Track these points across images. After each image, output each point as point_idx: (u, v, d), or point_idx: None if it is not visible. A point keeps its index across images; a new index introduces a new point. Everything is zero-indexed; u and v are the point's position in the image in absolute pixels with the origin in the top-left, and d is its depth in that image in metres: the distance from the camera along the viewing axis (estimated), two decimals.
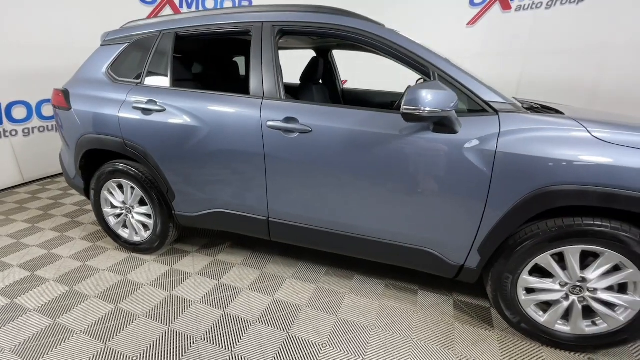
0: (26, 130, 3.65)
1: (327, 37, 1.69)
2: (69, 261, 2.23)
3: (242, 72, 3.04)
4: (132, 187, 2.13)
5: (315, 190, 1.68)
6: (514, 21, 4.43)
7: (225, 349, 1.53)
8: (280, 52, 2.96)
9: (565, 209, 1.36)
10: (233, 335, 1.60)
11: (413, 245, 1.62)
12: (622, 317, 1.41)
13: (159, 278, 2.05)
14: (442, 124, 1.39)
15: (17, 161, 3.60)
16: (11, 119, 3.51)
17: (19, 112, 3.57)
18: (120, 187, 2.19)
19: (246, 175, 1.79)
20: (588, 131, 1.31)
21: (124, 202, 2.21)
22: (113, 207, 2.26)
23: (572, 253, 1.39)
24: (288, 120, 1.64)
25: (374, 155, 1.52)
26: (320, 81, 2.87)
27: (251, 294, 1.91)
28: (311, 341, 1.57)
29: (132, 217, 2.22)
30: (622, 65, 3.61)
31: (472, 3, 4.73)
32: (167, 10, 4.76)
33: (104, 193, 2.22)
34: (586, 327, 1.48)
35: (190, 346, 1.54)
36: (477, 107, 1.44)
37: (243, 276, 2.08)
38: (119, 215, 2.27)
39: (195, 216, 2.03)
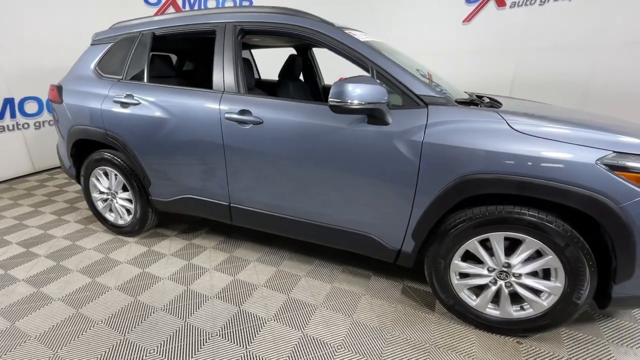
0: (37, 124, 3.97)
1: (283, 36, 1.82)
2: (61, 240, 2.46)
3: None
4: (115, 174, 2.33)
5: (267, 178, 1.82)
6: (509, 18, 4.40)
7: (181, 319, 1.69)
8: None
9: (494, 196, 1.44)
10: (190, 308, 1.77)
11: (355, 230, 1.73)
12: (545, 303, 1.47)
13: (136, 257, 2.24)
14: (373, 115, 1.50)
15: (28, 152, 3.93)
16: (24, 113, 3.83)
17: (30, 107, 3.89)
18: (106, 174, 2.39)
19: (209, 164, 1.95)
20: (508, 123, 1.38)
21: (109, 188, 2.42)
22: (100, 192, 2.47)
23: (496, 239, 1.46)
24: (243, 112, 1.78)
25: (317, 145, 1.64)
26: (302, 78, 3.00)
27: (215, 274, 2.07)
28: (258, 316, 1.72)
29: (117, 202, 2.42)
30: (615, 61, 3.54)
31: (467, 0, 4.71)
32: (171, 11, 5.01)
33: (92, 179, 2.44)
34: (514, 312, 1.54)
35: (150, 315, 1.72)
36: (410, 101, 1.53)
37: (212, 258, 2.24)
38: (105, 200, 2.49)
39: (168, 201, 2.21)
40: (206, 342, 1.55)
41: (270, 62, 3.28)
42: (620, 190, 1.23)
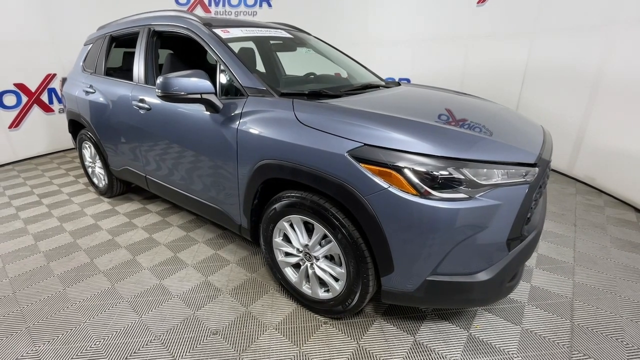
0: None
1: (178, 36, 2.11)
2: (64, 196, 3.27)
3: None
4: (93, 148, 3.00)
5: (157, 155, 2.20)
6: None
7: (90, 258, 2.22)
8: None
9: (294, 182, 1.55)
10: (104, 252, 2.28)
11: (211, 203, 1.99)
12: (338, 287, 1.54)
13: (99, 213, 2.88)
14: (205, 104, 1.72)
15: None
16: None
17: None
18: (90, 147, 3.08)
19: (131, 141, 2.41)
20: (295, 114, 1.47)
21: (90, 159, 3.11)
22: (88, 161, 3.19)
23: (296, 222, 1.58)
24: (141, 100, 2.17)
25: (177, 129, 1.95)
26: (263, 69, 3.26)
27: (139, 231, 2.56)
28: (142, 264, 2.14)
29: (96, 169, 3.11)
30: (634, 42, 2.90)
31: None
32: (198, 10, 5.67)
33: (83, 151, 3.17)
34: (321, 293, 1.64)
35: (76, 252, 2.29)
36: (239, 91, 1.71)
37: (148, 220, 2.75)
38: (90, 167, 3.20)
39: (118, 171, 2.77)
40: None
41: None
42: (365, 182, 1.25)
